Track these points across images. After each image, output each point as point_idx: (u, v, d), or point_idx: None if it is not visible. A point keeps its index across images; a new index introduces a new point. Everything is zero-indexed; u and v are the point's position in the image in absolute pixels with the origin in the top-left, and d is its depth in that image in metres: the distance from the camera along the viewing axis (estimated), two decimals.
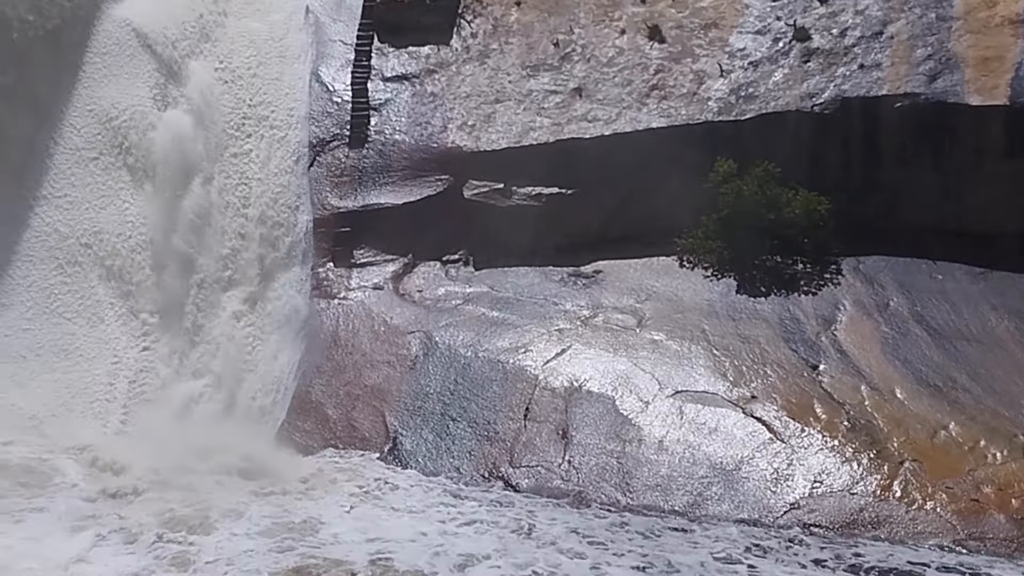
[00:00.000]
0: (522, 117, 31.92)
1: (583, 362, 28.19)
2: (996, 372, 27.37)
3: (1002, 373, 27.34)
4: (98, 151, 32.07)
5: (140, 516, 24.22)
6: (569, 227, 30.93)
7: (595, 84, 32.16)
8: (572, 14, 33.33)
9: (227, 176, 32.15)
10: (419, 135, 32.13)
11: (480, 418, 27.43)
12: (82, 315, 30.62)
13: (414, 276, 30.88)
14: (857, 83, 31.12)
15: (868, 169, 30.64)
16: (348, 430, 28.07)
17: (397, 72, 33.00)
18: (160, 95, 32.72)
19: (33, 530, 23.66)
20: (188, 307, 31.14)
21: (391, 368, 28.92)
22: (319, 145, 32.22)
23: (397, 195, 31.63)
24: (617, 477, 25.98)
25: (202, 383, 29.90)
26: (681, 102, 31.64)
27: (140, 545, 23.19)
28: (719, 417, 26.75)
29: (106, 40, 32.92)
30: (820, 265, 29.84)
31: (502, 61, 32.75)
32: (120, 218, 31.54)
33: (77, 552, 22.51)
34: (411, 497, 25.58)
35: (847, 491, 25.16)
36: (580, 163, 31.12)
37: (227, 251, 31.56)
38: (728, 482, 25.61)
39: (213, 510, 24.50)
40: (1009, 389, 26.91)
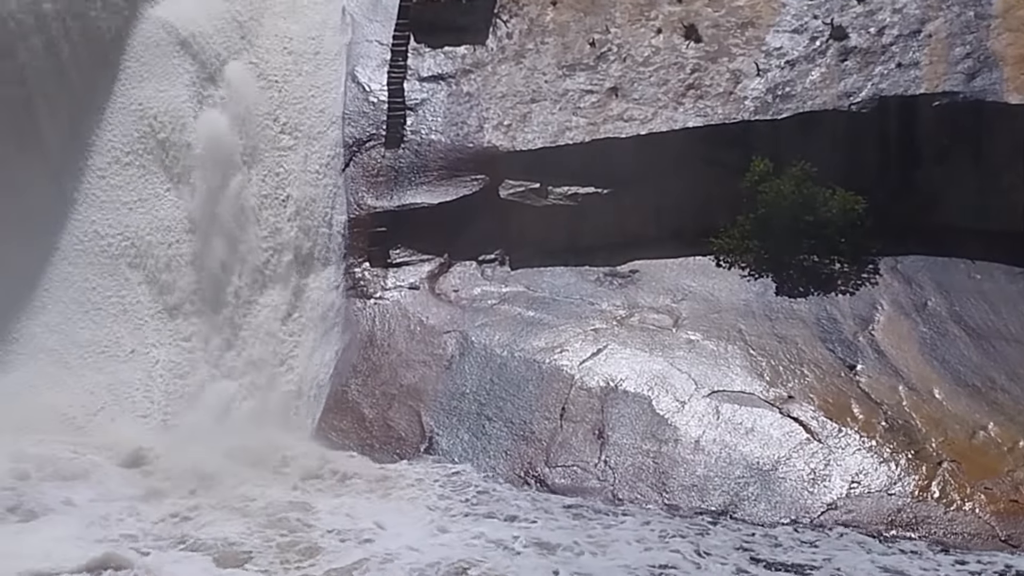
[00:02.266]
0: (558, 117, 31.90)
1: (619, 362, 28.13)
2: None
3: None
4: (136, 151, 32.32)
5: (173, 518, 24.45)
6: (605, 227, 30.90)
7: (631, 83, 32.12)
8: (608, 13, 33.30)
9: (264, 176, 32.31)
10: (455, 135, 32.13)
11: (516, 418, 27.43)
12: (121, 314, 30.87)
13: (450, 276, 30.86)
14: (895, 82, 31.01)
15: (906, 168, 30.52)
16: (384, 430, 28.09)
17: (433, 72, 33.03)
18: (198, 95, 32.95)
19: (80, 522, 23.96)
20: (225, 306, 31.26)
21: (427, 368, 28.92)
22: (355, 145, 32.27)
23: (433, 195, 31.62)
24: (653, 477, 25.97)
25: (239, 382, 30.04)
26: (717, 101, 31.58)
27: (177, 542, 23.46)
28: (756, 417, 26.70)
29: (145, 41, 33.17)
30: (857, 265, 29.74)
31: (538, 61, 32.74)
32: (158, 218, 31.78)
33: (104, 551, 22.70)
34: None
35: (885, 491, 25.08)
36: (616, 163, 31.04)
37: (264, 251, 31.67)
38: (765, 482, 25.55)
39: (257, 508, 24.75)
40: None
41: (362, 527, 24.08)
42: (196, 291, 31.26)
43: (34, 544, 22.82)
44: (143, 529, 23.86)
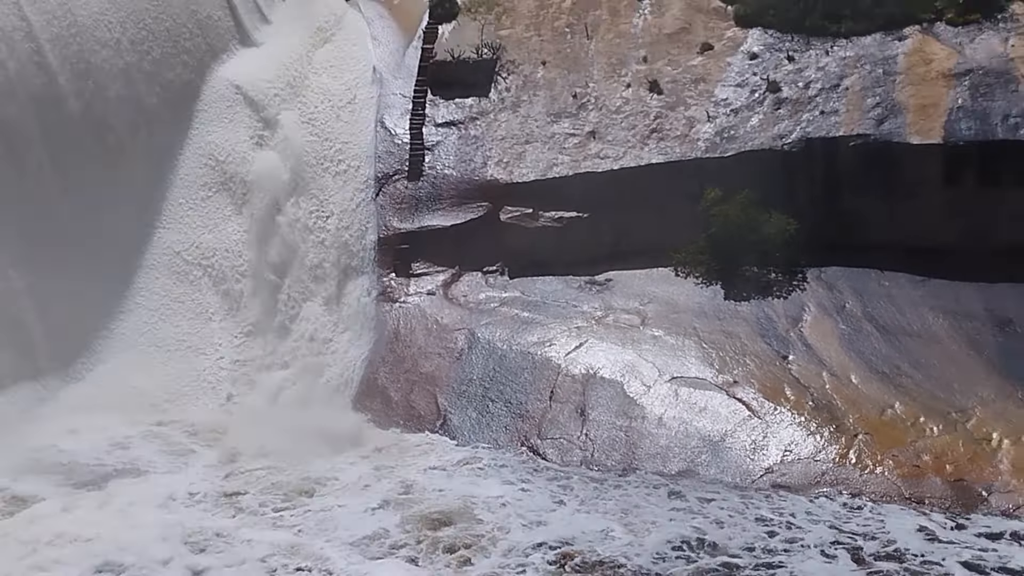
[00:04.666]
0: (547, 155, 31.86)
1: (597, 354, 28.12)
2: (933, 361, 27.34)
3: (938, 362, 27.29)
4: (206, 184, 32.38)
5: (241, 478, 24.50)
6: (585, 244, 30.77)
7: (606, 128, 32.11)
8: (587, 71, 33.33)
9: (310, 204, 32.17)
10: (464, 170, 32.06)
11: (514, 399, 27.49)
12: (194, 316, 30.93)
13: (460, 284, 30.80)
14: (819, 126, 31.01)
15: (829, 196, 30.42)
16: (407, 409, 28.12)
17: (446, 119, 33.01)
18: (256, 138, 33.02)
19: (161, 483, 24.08)
20: (278, 309, 31.18)
21: (441, 359, 28.90)
22: (384, 178, 32.20)
23: (446, 218, 31.54)
24: (624, 448, 26.01)
25: (289, 372, 29.90)
26: (676, 142, 31.56)
27: (241, 503, 23.47)
28: (707, 398, 26.78)
29: (214, 94, 33.27)
30: (789, 275, 29.71)
31: (531, 110, 32.77)
32: (224, 236, 31.86)
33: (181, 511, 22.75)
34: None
35: (812, 458, 25.19)
36: (594, 192, 30.98)
37: (310, 264, 31.55)
38: (715, 451, 25.64)
39: (305, 473, 24.84)
40: (944, 375, 26.89)
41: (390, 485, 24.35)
42: (254, 297, 31.22)
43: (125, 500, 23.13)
44: (214, 486, 24.11)
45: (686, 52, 33.30)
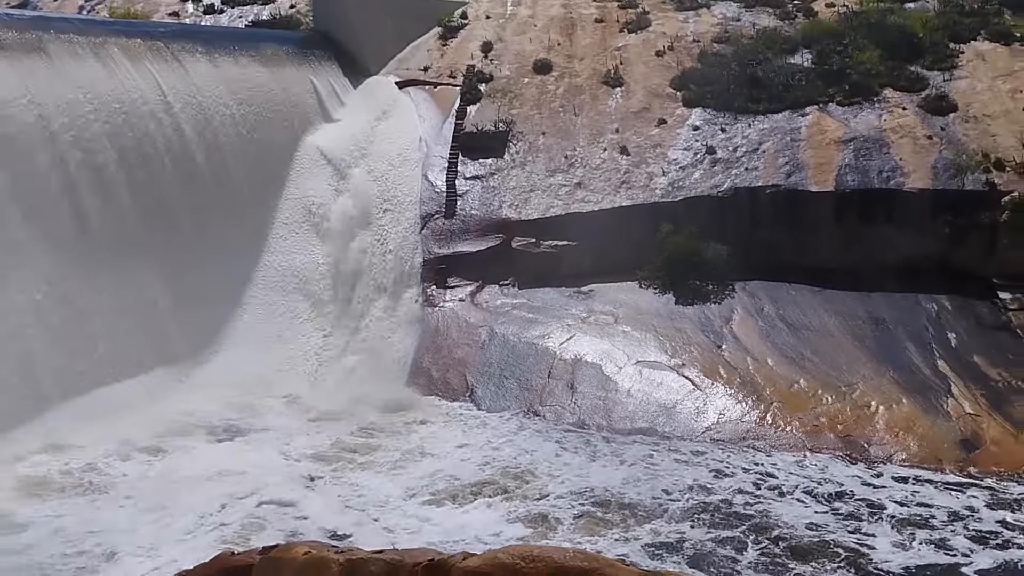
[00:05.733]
0: (546, 200, 32.21)
1: (583, 344, 28.44)
2: (827, 349, 27.68)
3: (831, 350, 27.65)
4: (298, 221, 32.63)
5: (326, 435, 24.90)
6: (573, 264, 31.09)
7: (589, 180, 32.45)
8: (575, 139, 33.71)
9: (374, 235, 32.46)
10: (486, 211, 32.36)
11: (522, 377, 27.78)
12: (289, 317, 31.11)
13: (483, 293, 31.02)
14: (744, 178, 31.40)
15: (751, 229, 30.77)
16: (444, 384, 28.44)
17: (472, 174, 33.32)
18: (334, 187, 33.26)
19: (266, 438, 24.43)
20: (351, 311, 31.38)
21: (469, 348, 29.19)
22: (427, 217, 32.49)
23: (472, 246, 31.80)
24: (603, 412, 26.32)
25: (359, 357, 30.12)
26: (639, 190, 31.92)
27: (325, 453, 23.87)
28: (663, 376, 27.09)
29: (304, 155, 33.57)
30: (722, 287, 29.97)
31: (534, 167, 33.12)
32: (312, 259, 32.07)
33: (286, 456, 23.14)
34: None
35: (739, 420, 25.50)
36: (580, 227, 31.34)
37: (374, 279, 31.82)
38: (669, 415, 25.95)
39: (375, 428, 25.41)
40: (836, 360, 27.24)
41: (427, 433, 24.85)
42: (333, 302, 31.46)
43: (244, 449, 23.66)
44: (307, 442, 24.51)
45: (647, 125, 33.71)
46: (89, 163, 26.36)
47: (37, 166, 24.87)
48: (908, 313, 28.46)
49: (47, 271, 24.36)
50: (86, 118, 26.49)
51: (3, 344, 23.03)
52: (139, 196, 27.61)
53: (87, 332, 25.24)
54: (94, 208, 26.20)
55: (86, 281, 25.40)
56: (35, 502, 20.12)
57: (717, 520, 20.57)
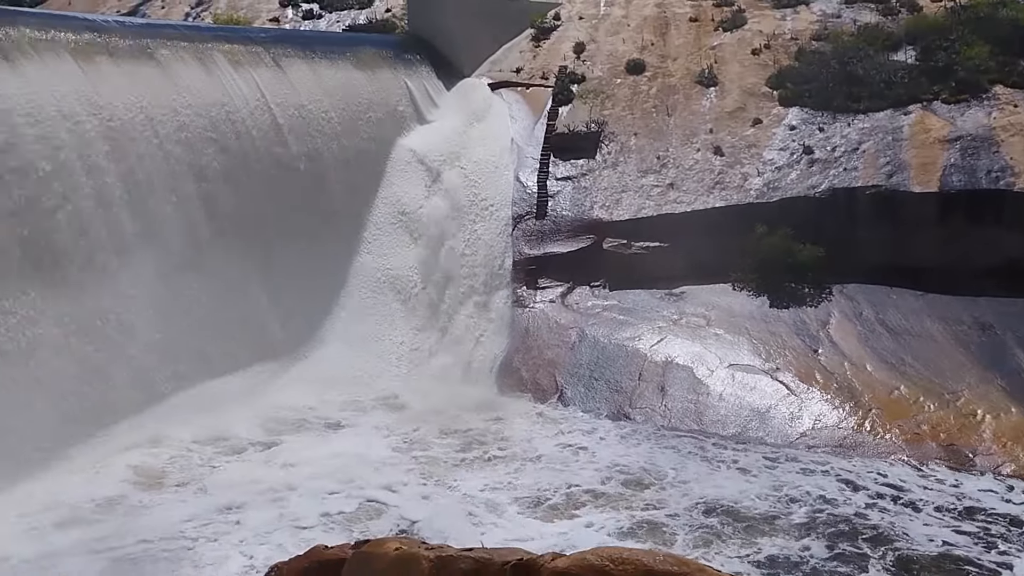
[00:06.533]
0: (637, 201, 32.01)
1: (674, 346, 28.20)
2: (930, 355, 26.90)
3: (933, 356, 26.86)
4: (391, 222, 33.01)
5: (418, 433, 25.30)
6: (665, 266, 30.73)
7: (681, 181, 32.11)
8: (668, 140, 33.37)
9: (466, 236, 32.64)
10: (577, 212, 32.29)
11: (611, 379, 27.69)
12: (382, 316, 31.52)
13: (573, 294, 31.00)
14: (843, 179, 30.62)
15: (849, 231, 29.99)
16: (534, 384, 28.50)
17: (564, 175, 33.30)
18: (427, 189, 33.54)
19: (359, 433, 24.91)
20: (442, 312, 31.67)
21: (559, 349, 29.19)
22: (518, 218, 32.60)
23: (563, 247, 31.77)
24: (694, 416, 26.03)
25: (450, 357, 30.39)
26: (733, 191, 31.47)
27: (418, 451, 24.17)
28: (756, 380, 26.70)
29: (397, 157, 33.92)
30: (819, 289, 29.34)
31: (625, 168, 32.93)
32: (404, 260, 32.43)
33: (383, 451, 23.54)
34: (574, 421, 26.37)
35: (836, 426, 24.92)
36: (671, 228, 31.03)
37: (465, 279, 32.02)
38: (762, 420, 25.52)
39: (468, 427, 25.60)
40: (939, 366, 26.43)
41: (520, 433, 25.01)
42: (425, 303, 31.78)
43: (342, 443, 24.20)
44: (400, 439, 24.89)
45: (742, 125, 33.17)
46: (194, 165, 27.24)
47: (146, 169, 25.85)
48: (1017, 319, 27.34)
49: (155, 270, 25.26)
50: (191, 122, 27.37)
51: (113, 340, 24.00)
52: (240, 198, 28.36)
53: (192, 329, 26.08)
54: (198, 210, 27.05)
55: (192, 280, 26.25)
56: (141, 491, 20.96)
57: (839, 533, 19.84)
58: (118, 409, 23.41)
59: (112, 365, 23.80)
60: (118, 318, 24.22)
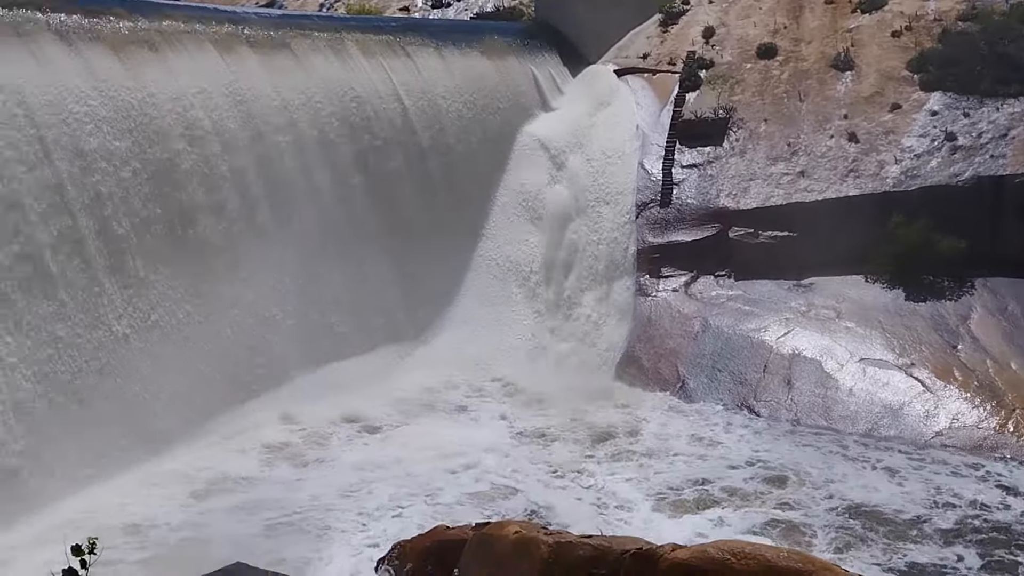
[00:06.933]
0: (765, 189, 31.25)
1: (801, 338, 27.49)
2: None
3: None
4: (515, 210, 33.27)
5: (541, 419, 25.52)
6: (793, 256, 29.92)
7: (813, 168, 31.16)
8: (799, 126, 32.39)
9: (588, 223, 32.59)
10: (702, 200, 31.74)
11: (735, 370, 27.26)
12: (504, 302, 31.87)
13: (697, 284, 30.56)
14: (989, 167, 29.09)
15: (994, 222, 28.54)
16: (655, 374, 28.33)
17: (690, 162, 32.75)
18: (550, 176, 33.60)
19: (480, 417, 25.28)
20: (563, 299, 31.75)
21: (681, 338, 28.88)
22: (642, 206, 32.29)
23: (687, 235, 31.32)
24: (821, 410, 25.35)
25: (570, 344, 30.50)
26: (868, 179, 30.32)
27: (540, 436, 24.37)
28: (889, 375, 25.77)
29: (522, 145, 34.07)
30: (959, 282, 28.02)
31: (754, 155, 32.17)
32: (526, 247, 32.65)
33: (507, 436, 23.83)
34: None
35: (975, 426, 23.84)
36: (801, 217, 30.16)
37: (587, 267, 32.02)
38: (894, 417, 24.63)
39: (592, 416, 25.63)
40: None
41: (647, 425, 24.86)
42: (546, 290, 31.91)
43: (466, 427, 24.75)
44: (523, 424, 25.15)
45: (879, 110, 31.85)
46: (327, 154, 28.09)
47: (283, 159, 26.82)
48: None
49: (290, 256, 26.21)
50: (324, 111, 28.23)
51: (250, 321, 25.08)
52: (371, 186, 29.09)
53: (324, 312, 27.03)
54: (331, 197, 27.89)
55: (324, 264, 27.12)
56: (276, 465, 21.94)
57: (993, 541, 18.95)
58: (254, 386, 24.50)
59: (249, 344, 24.88)
60: (256, 301, 25.26)
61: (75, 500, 19.13)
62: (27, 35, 21.59)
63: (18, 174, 20.33)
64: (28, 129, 20.70)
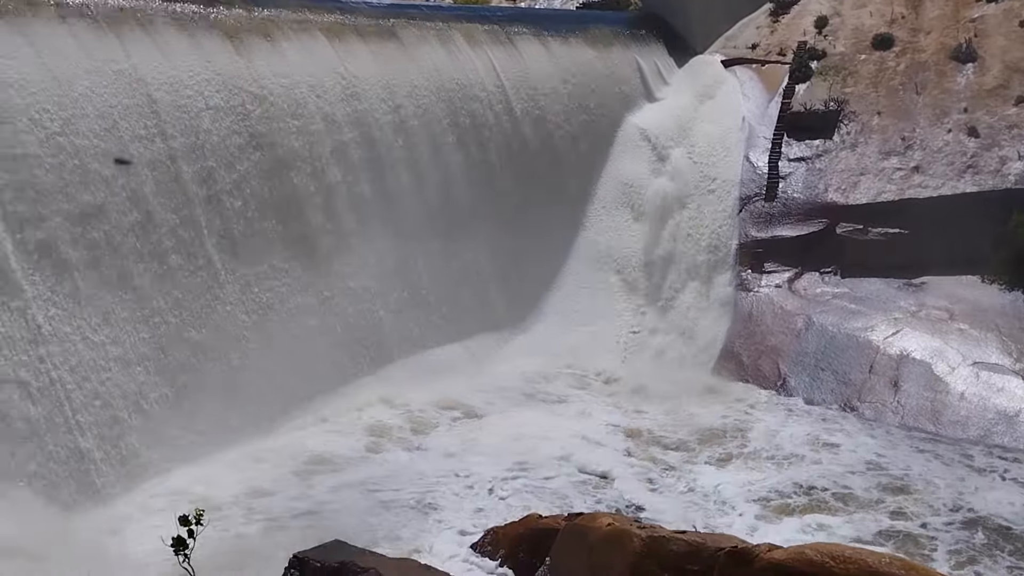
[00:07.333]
0: (877, 184, 30.33)
1: (911, 339, 26.65)
2: None
3: None
4: (616, 201, 33.01)
5: (636, 412, 25.47)
6: (904, 254, 29.06)
7: (928, 164, 30.09)
8: (915, 120, 31.26)
9: (690, 216, 32.20)
10: (809, 194, 31.01)
11: (839, 370, 26.63)
12: (602, 293, 31.75)
13: (801, 280, 29.92)
14: None
15: None
16: (755, 371, 27.93)
17: (797, 155, 32.00)
18: (653, 169, 33.23)
19: (577, 407, 25.31)
20: (663, 292, 31.50)
21: (784, 336, 28.36)
22: (745, 199, 31.74)
23: (792, 230, 30.67)
24: (930, 414, 24.50)
25: (668, 338, 30.26)
26: (988, 176, 29.13)
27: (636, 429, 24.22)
28: (1004, 381, 24.80)
29: (625, 136, 33.73)
30: None
31: (865, 149, 31.22)
32: (626, 238, 32.42)
33: (604, 429, 23.74)
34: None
35: None
36: (914, 213, 29.26)
37: (687, 261, 31.65)
38: (1009, 423, 23.60)
39: (690, 411, 25.47)
40: None
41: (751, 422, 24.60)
42: (645, 282, 31.68)
43: (563, 417, 24.74)
44: (618, 417, 25.06)
45: (1002, 104, 30.47)
46: (432, 143, 28.40)
47: (389, 147, 27.24)
48: None
49: (393, 243, 26.69)
50: (429, 100, 28.52)
51: (354, 307, 25.64)
52: (472, 174, 29.30)
53: (425, 299, 27.45)
54: (434, 185, 28.24)
55: (426, 252, 27.55)
56: (379, 445, 22.53)
57: None
58: (356, 369, 25.09)
59: (352, 329, 25.44)
60: (358, 287, 25.80)
61: (186, 475, 19.96)
62: (148, 23, 22.47)
63: (137, 154, 21.13)
64: (149, 116, 21.54)
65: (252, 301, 23.23)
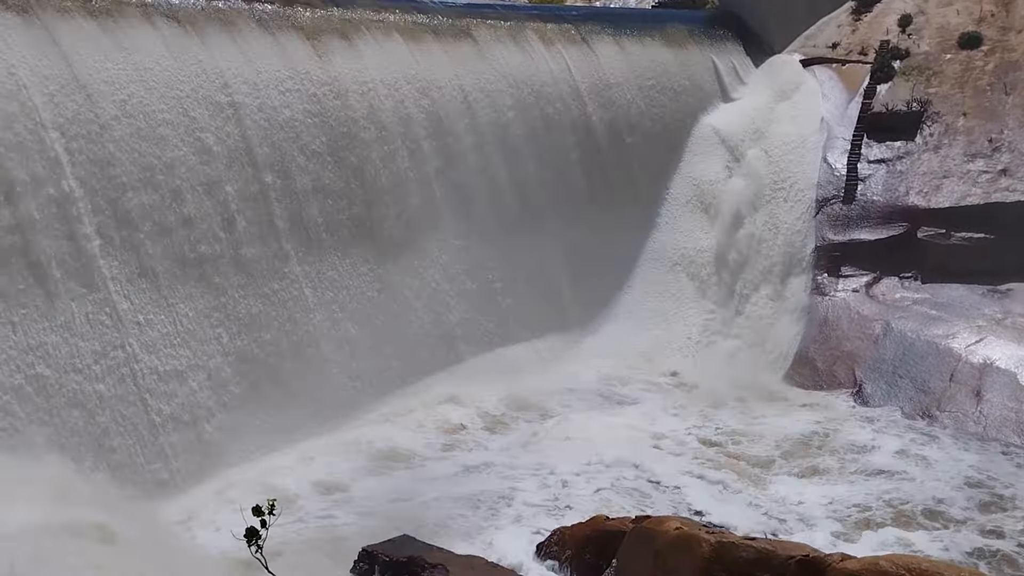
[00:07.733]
0: (961, 187, 29.46)
1: (994, 348, 25.83)
2: None
3: None
4: (689, 202, 32.77)
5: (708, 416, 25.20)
6: (989, 260, 28.20)
7: (1017, 167, 29.14)
8: (1003, 121, 30.28)
9: (764, 218, 31.71)
10: (889, 197, 30.26)
11: (918, 378, 25.95)
12: (673, 295, 31.59)
13: (879, 285, 29.23)
14: None
15: None
16: (830, 376, 27.46)
17: (877, 157, 31.23)
18: (727, 169, 32.86)
19: (647, 410, 25.16)
20: (735, 295, 31.15)
21: (860, 341, 27.75)
22: (823, 201, 31.12)
23: (871, 234, 29.99)
24: (1014, 425, 23.71)
25: (740, 342, 29.94)
26: None
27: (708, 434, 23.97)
28: None
29: (698, 136, 33.43)
30: None
31: (950, 151, 30.33)
32: (699, 239, 32.14)
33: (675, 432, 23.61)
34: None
35: None
36: (1001, 218, 28.38)
37: (761, 263, 31.19)
38: None
39: (758, 415, 25.03)
40: None
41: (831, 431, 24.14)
42: (717, 284, 31.36)
43: (633, 419, 24.65)
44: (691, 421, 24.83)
45: None
46: (503, 143, 28.49)
47: (462, 146, 27.43)
48: None
49: (464, 243, 26.91)
50: (502, 100, 28.63)
51: (424, 306, 25.92)
52: (544, 174, 29.34)
53: (496, 298, 27.62)
54: (506, 185, 28.36)
55: (497, 252, 27.69)
56: (445, 443, 22.79)
57: None
58: (428, 367, 25.34)
59: (424, 327, 25.74)
60: (429, 287, 26.10)
61: (260, 466, 20.45)
62: (231, 23, 23.04)
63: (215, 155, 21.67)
64: (229, 114, 22.07)
65: (326, 299, 23.66)
